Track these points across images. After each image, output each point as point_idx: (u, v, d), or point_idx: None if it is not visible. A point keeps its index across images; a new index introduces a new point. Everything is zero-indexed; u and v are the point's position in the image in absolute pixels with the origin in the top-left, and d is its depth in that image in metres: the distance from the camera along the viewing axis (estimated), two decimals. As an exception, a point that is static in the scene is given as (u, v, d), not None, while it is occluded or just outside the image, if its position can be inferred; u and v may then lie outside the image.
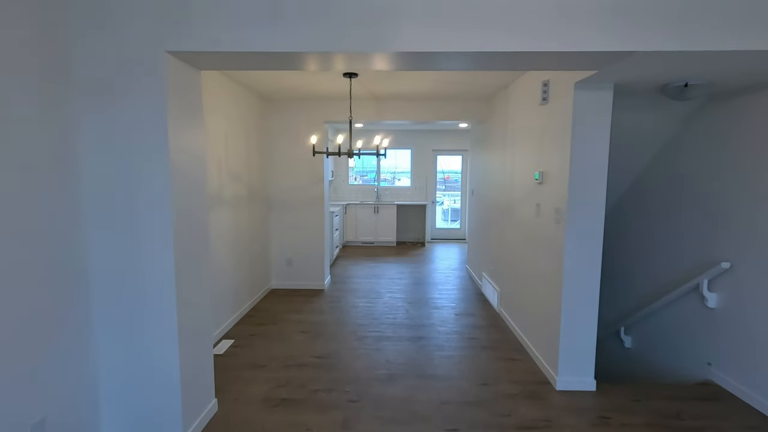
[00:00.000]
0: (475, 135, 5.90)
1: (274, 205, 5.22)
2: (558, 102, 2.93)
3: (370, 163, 9.10)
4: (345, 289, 5.30)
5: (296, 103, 5.05)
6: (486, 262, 5.05)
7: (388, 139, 3.63)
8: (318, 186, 5.17)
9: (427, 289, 5.32)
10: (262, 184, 4.92)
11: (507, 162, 4.18)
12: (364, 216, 8.27)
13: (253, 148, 4.58)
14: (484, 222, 5.18)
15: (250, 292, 4.55)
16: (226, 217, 3.87)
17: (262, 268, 4.94)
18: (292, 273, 5.30)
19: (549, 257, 3.05)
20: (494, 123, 4.74)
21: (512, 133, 4.01)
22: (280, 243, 5.27)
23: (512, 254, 3.95)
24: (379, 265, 6.65)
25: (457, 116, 5.03)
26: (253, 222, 4.63)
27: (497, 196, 4.55)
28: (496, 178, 4.60)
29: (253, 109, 4.54)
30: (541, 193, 3.21)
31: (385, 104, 5.03)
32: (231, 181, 3.98)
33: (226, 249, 3.88)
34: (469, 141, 8.58)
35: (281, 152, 5.14)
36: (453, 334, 3.86)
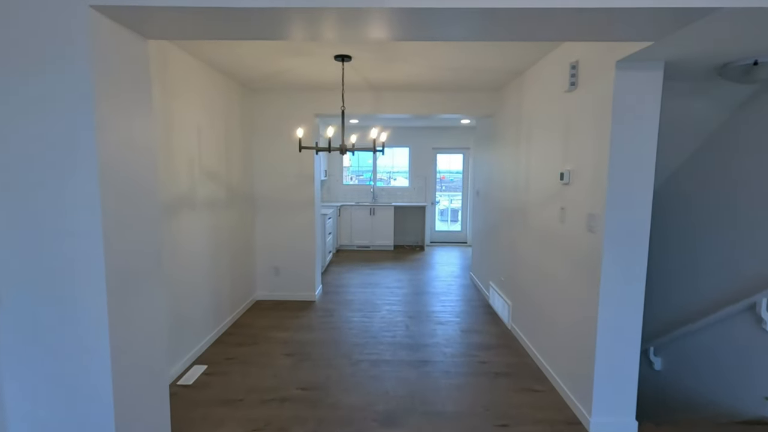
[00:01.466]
0: (481, 131, 5.41)
1: (260, 208, 4.70)
2: (591, 87, 2.44)
3: (366, 162, 8.60)
4: (338, 300, 4.80)
5: (284, 94, 4.55)
6: (494, 270, 4.56)
7: (386, 133, 3.12)
8: (308, 186, 4.67)
9: (429, 300, 4.83)
10: (246, 184, 4.41)
11: (520, 160, 3.70)
12: (360, 218, 7.77)
13: (235, 144, 4.07)
14: (492, 226, 4.69)
15: (231, 306, 4.03)
16: (200, 221, 3.36)
17: (245, 277, 4.43)
18: (279, 283, 4.79)
19: (578, 271, 2.56)
20: (504, 116, 4.26)
21: (527, 127, 3.53)
22: (267, 249, 4.75)
23: (528, 265, 3.47)
24: (376, 271, 6.15)
25: (462, 110, 4.54)
26: (235, 226, 4.12)
27: (508, 198, 4.06)
28: (507, 178, 4.11)
29: (233, 100, 4.03)
30: (567, 196, 2.73)
31: (382, 96, 4.53)
32: (206, 180, 3.46)
33: (200, 258, 3.37)
34: (471, 138, 8.12)
35: (267, 149, 4.63)
36: (461, 356, 3.37)
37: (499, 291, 4.29)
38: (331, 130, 2.95)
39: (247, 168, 4.44)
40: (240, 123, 4.23)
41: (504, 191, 4.21)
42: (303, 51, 3.08)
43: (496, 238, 4.48)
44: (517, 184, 3.79)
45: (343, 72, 3.27)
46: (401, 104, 4.54)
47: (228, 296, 3.96)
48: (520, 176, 3.69)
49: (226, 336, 3.74)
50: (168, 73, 2.88)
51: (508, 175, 4.06)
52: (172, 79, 2.92)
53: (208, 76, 3.49)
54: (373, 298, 4.88)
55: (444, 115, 4.69)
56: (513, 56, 3.17)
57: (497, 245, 4.44)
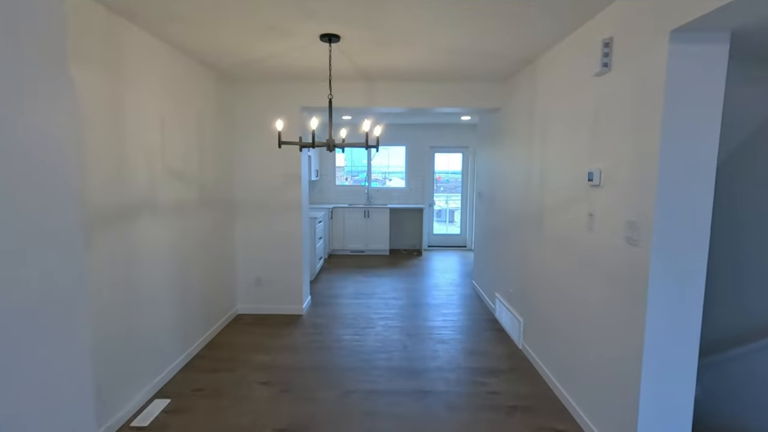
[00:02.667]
0: (484, 128, 4.97)
1: (240, 211, 4.23)
2: (631, 67, 2.00)
3: (361, 162, 8.14)
4: (328, 314, 4.33)
5: (266, 85, 4.08)
6: (501, 281, 4.11)
7: (380, 126, 2.68)
8: (294, 187, 4.20)
9: (428, 313, 4.37)
10: (224, 185, 3.94)
11: (533, 158, 3.25)
12: (353, 221, 7.30)
13: (210, 140, 3.59)
14: (497, 232, 4.25)
15: (205, 323, 3.55)
16: (163, 228, 2.88)
17: (224, 289, 3.95)
18: (262, 295, 4.32)
19: (614, 289, 2.12)
20: (512, 110, 3.81)
21: (542, 120, 3.08)
22: (248, 258, 4.28)
23: (544, 278, 3.02)
24: (370, 279, 5.69)
25: (464, 102, 4.10)
26: (210, 232, 3.65)
27: (517, 201, 3.62)
28: (515, 179, 3.67)
29: (208, 90, 3.56)
30: (597, 199, 2.28)
31: (376, 87, 4.07)
32: (172, 180, 2.99)
33: (163, 271, 2.89)
34: (471, 137, 7.67)
35: (249, 145, 4.16)
36: (467, 384, 2.92)
37: (508, 305, 3.84)
38: (315, 122, 2.49)
39: (225, 167, 3.96)
40: (217, 117, 3.76)
41: (512, 193, 3.76)
42: (285, 30, 2.62)
43: (503, 245, 4.03)
44: (528, 185, 3.34)
45: (330, 54, 2.81)
46: (397, 96, 4.09)
47: (200, 312, 3.48)
48: (533, 177, 3.25)
49: (198, 360, 3.26)
50: (121, 54, 2.41)
51: (518, 175, 3.61)
52: (125, 62, 2.44)
53: (175, 61, 3.01)
54: (367, 310, 4.42)
55: (445, 109, 4.24)
56: (524, 39, 2.72)
57: (504, 253, 3.99)
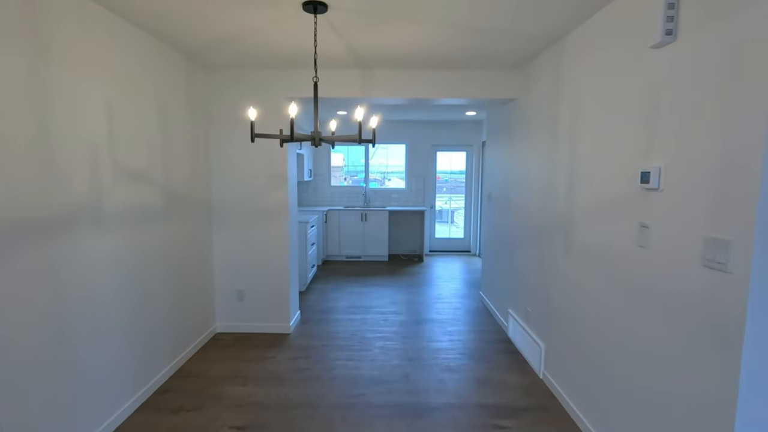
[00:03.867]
0: (495, 122, 4.46)
1: (219, 217, 3.72)
2: (714, 29, 1.49)
3: (359, 161, 7.62)
4: (318, 332, 3.82)
5: (247, 72, 3.57)
6: (515, 296, 3.61)
7: (377, 117, 2.17)
8: (280, 189, 3.69)
9: (432, 332, 3.86)
10: (198, 187, 3.43)
11: (558, 155, 2.75)
12: (349, 224, 6.79)
13: (178, 134, 3.08)
14: (511, 240, 3.74)
15: (173, 348, 3.04)
16: (112, 239, 2.37)
17: (198, 306, 3.44)
18: (244, 311, 3.81)
19: (682, 324, 1.61)
20: (531, 100, 3.31)
21: (572, 110, 2.58)
22: (228, 269, 3.77)
23: (574, 299, 2.52)
24: (367, 290, 5.18)
25: (473, 92, 3.59)
26: (180, 241, 3.14)
27: (537, 205, 3.11)
28: (535, 180, 3.16)
29: (176, 76, 3.05)
30: (656, 207, 1.78)
31: (372, 75, 3.56)
32: (126, 182, 2.48)
33: (111, 291, 2.38)
34: (476, 134, 7.17)
35: (228, 142, 3.65)
36: (482, 428, 2.41)
37: (524, 325, 3.33)
38: (294, 108, 1.98)
39: (199, 166, 3.45)
40: (188, 108, 3.25)
41: (529, 196, 3.26)
42: (258, -4, 2.11)
43: (518, 255, 3.52)
44: (551, 187, 2.84)
45: (316, 26, 2.31)
46: (397, 86, 3.58)
47: (166, 336, 2.97)
48: (558, 177, 2.74)
49: (160, 396, 2.75)
50: (46, 24, 1.90)
51: (537, 175, 3.11)
52: (53, 33, 1.93)
53: (128, 37, 2.50)
54: (363, 328, 3.91)
55: (450, 101, 3.74)
56: (550, 10, 2.21)
57: (520, 265, 3.48)
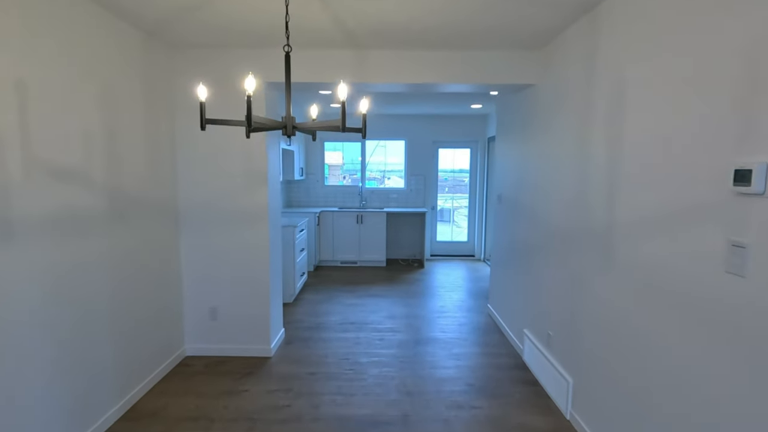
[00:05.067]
0: (506, 113, 3.94)
1: (187, 222, 3.20)
2: None
3: (356, 159, 7.08)
4: (304, 356, 3.30)
5: (218, 53, 3.04)
6: (533, 316, 3.10)
7: (366, 100, 1.65)
8: (258, 189, 3.18)
9: (435, 355, 3.35)
10: (159, 187, 2.91)
11: (595, 149, 2.23)
12: (344, 227, 6.28)
13: (131, 125, 2.56)
14: (527, 248, 3.23)
15: (127, 378, 2.53)
16: (27, 253, 1.85)
17: (161, 327, 2.93)
18: (218, 330, 3.30)
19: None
20: (554, 84, 2.79)
21: (614, 92, 2.06)
22: (198, 282, 3.25)
23: (616, 329, 2.00)
24: (362, 301, 4.67)
25: (482, 77, 3.08)
26: (134, 252, 2.62)
27: (561, 209, 2.60)
28: (559, 179, 2.65)
29: (127, 53, 2.52)
30: (756, 218, 1.27)
31: (366, 57, 3.05)
32: (50, 183, 1.96)
33: (32, 313, 1.87)
34: (482, 129, 6.63)
35: (196, 134, 3.13)
36: (502, 495, 1.91)
37: (545, 351, 2.82)
38: (251, 82, 1.46)
39: (161, 163, 2.93)
40: (146, 94, 2.72)
41: (552, 199, 2.74)
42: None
43: (537, 266, 3.01)
44: (584, 189, 2.32)
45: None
46: (394, 69, 3.07)
47: (115, 367, 2.45)
48: (594, 177, 2.23)
49: (102, 445, 2.24)
50: None
51: (562, 174, 2.59)
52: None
53: (57, 3, 1.98)
54: (357, 350, 3.40)
55: (456, 86, 3.23)
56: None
57: (539, 278, 2.97)
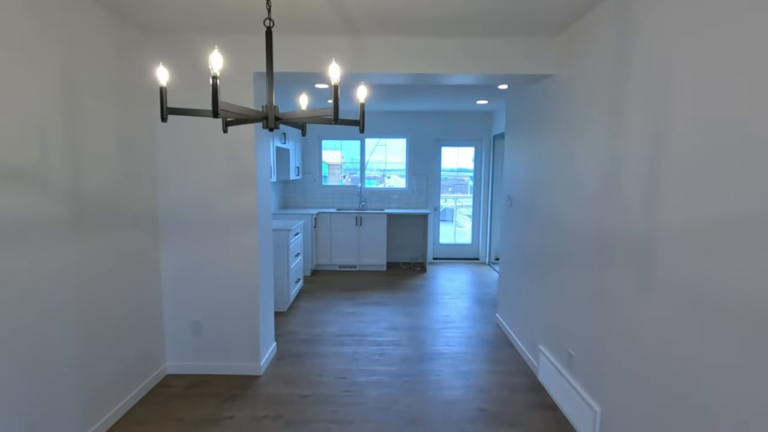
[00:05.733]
0: (517, 106, 3.64)
1: (168, 229, 2.90)
2: None
3: (355, 157, 6.77)
4: (297, 375, 3.00)
5: (200, 39, 2.74)
6: (549, 330, 2.79)
7: (365, 88, 1.34)
8: (246, 191, 2.87)
9: (441, 373, 3.05)
10: (134, 191, 2.60)
11: (631, 145, 1.93)
12: (342, 229, 5.97)
13: (98, 119, 2.25)
14: (542, 255, 2.93)
15: (91, 407, 2.23)
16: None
17: (139, 343, 2.62)
18: (202, 346, 3.00)
19: None
20: (579, 72, 2.49)
21: (657, 77, 1.75)
22: (181, 294, 2.95)
23: (659, 357, 1.70)
24: (361, 309, 4.37)
25: (494, 66, 2.78)
26: (107, 264, 2.32)
27: (588, 214, 2.30)
28: (585, 180, 2.35)
29: (94, 39, 2.21)
30: None
31: (364, 44, 2.74)
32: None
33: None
34: (487, 127, 6.32)
35: (178, 132, 2.83)
36: None
37: (566, 373, 2.52)
38: (217, 59, 1.16)
39: (138, 164, 2.63)
40: (118, 85, 2.42)
41: (574, 201, 2.44)
42: None
43: (555, 276, 2.71)
44: (616, 190, 2.02)
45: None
46: (396, 58, 2.76)
47: (79, 395, 2.15)
48: (629, 177, 1.92)
49: (59, 489, 1.94)
50: None
51: (588, 173, 2.29)
52: None
53: (-1, -30, 1.68)
54: (355, 367, 3.10)
55: (464, 77, 2.93)
56: None
57: (557, 290, 2.67)
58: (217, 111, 1.13)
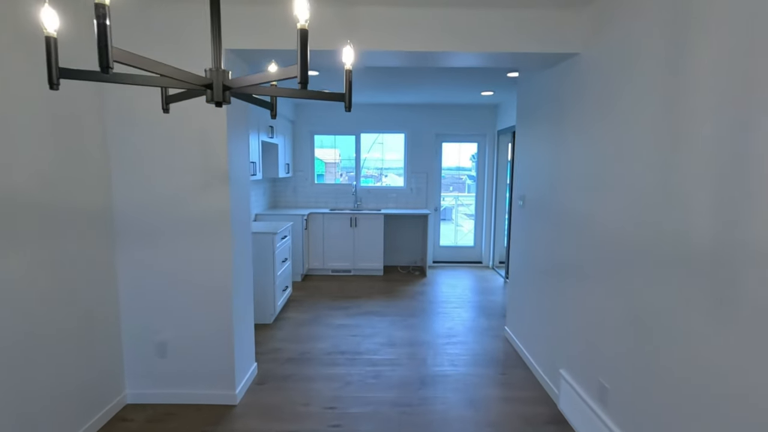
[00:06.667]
0: (531, 94, 3.22)
1: (126, 233, 2.46)
2: None
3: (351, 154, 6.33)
4: (278, 405, 2.58)
5: (164, 5, 2.30)
6: (573, 353, 2.38)
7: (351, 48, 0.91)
8: (218, 190, 2.44)
9: (447, 401, 2.63)
10: (81, 188, 2.17)
11: (701, 137, 1.52)
12: (336, 231, 5.55)
13: (23, 101, 1.82)
14: (564, 264, 2.52)
15: (19, 460, 1.81)
16: None
17: (91, 369, 2.19)
18: (168, 370, 2.57)
19: None
20: (616, 47, 2.07)
21: (739, 42, 1.34)
22: (142, 310, 2.52)
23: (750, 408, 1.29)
24: (356, 321, 3.95)
25: (507, 42, 2.36)
26: (41, 276, 1.89)
27: (629, 218, 1.88)
28: (625, 178, 1.93)
29: (21, 2, 1.78)
30: None
31: (356, 15, 2.32)
32: None
33: None
34: (491, 120, 5.88)
35: (137, 119, 2.39)
36: None
37: (597, 408, 2.10)
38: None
39: (83, 156, 2.19)
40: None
41: (608, 202, 2.03)
42: None
43: (581, 291, 2.30)
44: (672, 186, 1.60)
45: None
46: (393, 32, 2.34)
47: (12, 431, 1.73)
48: (690, 175, 1.51)
49: None
50: None
51: (630, 169, 1.87)
52: None
53: None
54: (346, 395, 2.68)
55: (473, 56, 2.51)
56: None
57: (584, 308, 2.26)
58: (106, 61, 0.70)
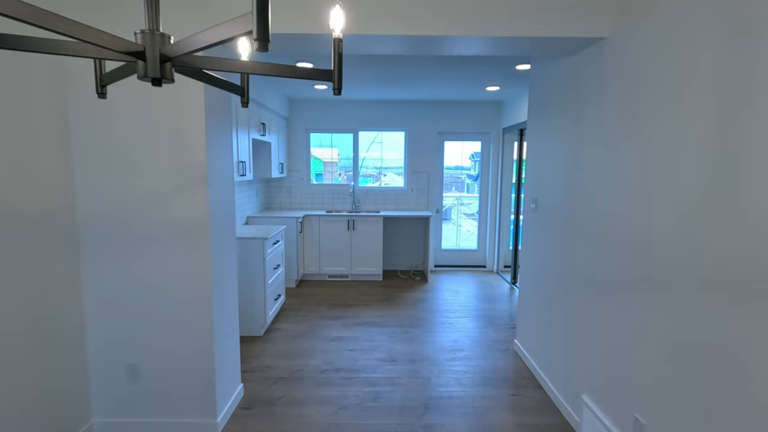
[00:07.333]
0: (546, 86, 2.93)
1: (91, 242, 2.17)
2: None
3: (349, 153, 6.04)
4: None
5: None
6: (598, 378, 2.10)
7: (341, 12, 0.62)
8: (197, 192, 2.15)
9: (454, 428, 2.35)
10: (37, 191, 1.88)
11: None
12: (332, 234, 5.26)
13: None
14: (587, 278, 2.23)
15: None
16: None
17: (55, 397, 1.90)
18: (140, 396, 2.28)
19: None
20: (654, 30, 1.79)
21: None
22: (111, 329, 2.23)
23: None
24: (353, 333, 3.66)
25: (524, 26, 2.08)
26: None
27: (675, 225, 1.60)
28: (668, 180, 1.65)
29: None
30: None
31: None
32: None
33: None
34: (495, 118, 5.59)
35: (104, 113, 2.10)
36: None
37: (629, 444, 1.82)
38: None
39: (39, 154, 1.90)
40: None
41: (647, 209, 1.74)
42: None
43: (608, 307, 2.01)
44: (744, 190, 1.32)
45: None
46: (392, 13, 2.05)
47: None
48: (753, 178, 1.23)
49: None
50: None
51: (674, 170, 1.59)
52: None
53: None
54: (342, 419, 2.39)
55: (485, 40, 2.22)
56: None
57: (614, 326, 1.97)
58: None
